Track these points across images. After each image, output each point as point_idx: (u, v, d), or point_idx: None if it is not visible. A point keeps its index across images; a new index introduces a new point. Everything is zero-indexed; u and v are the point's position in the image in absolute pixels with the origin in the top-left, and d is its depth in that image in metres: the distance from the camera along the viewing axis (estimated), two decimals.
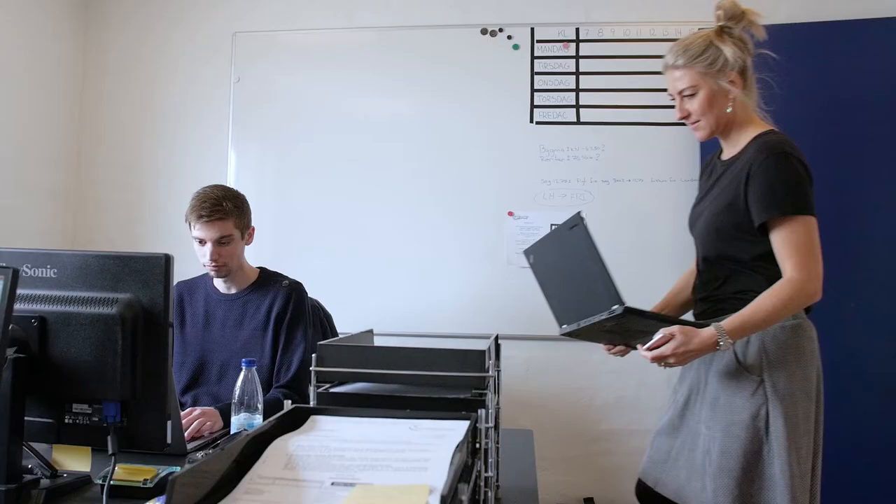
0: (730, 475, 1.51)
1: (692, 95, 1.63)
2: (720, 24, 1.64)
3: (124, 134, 3.10)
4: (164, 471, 1.30)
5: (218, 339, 2.06)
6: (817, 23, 2.65)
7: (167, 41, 3.09)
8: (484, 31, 2.89)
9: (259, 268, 2.16)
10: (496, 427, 1.20)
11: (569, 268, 1.62)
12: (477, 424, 0.97)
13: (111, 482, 1.20)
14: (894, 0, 2.66)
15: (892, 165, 2.61)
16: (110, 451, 1.23)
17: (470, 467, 0.91)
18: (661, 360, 1.50)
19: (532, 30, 2.87)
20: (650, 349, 1.50)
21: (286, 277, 2.14)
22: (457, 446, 0.83)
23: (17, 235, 2.75)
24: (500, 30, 2.89)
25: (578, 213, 1.48)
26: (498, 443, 1.25)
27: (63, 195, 3.05)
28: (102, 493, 1.20)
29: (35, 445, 1.32)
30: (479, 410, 0.98)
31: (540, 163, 2.83)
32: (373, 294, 2.88)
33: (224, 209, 1.97)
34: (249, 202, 2.08)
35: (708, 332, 1.48)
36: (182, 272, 2.97)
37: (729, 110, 1.65)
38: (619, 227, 2.79)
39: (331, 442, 0.87)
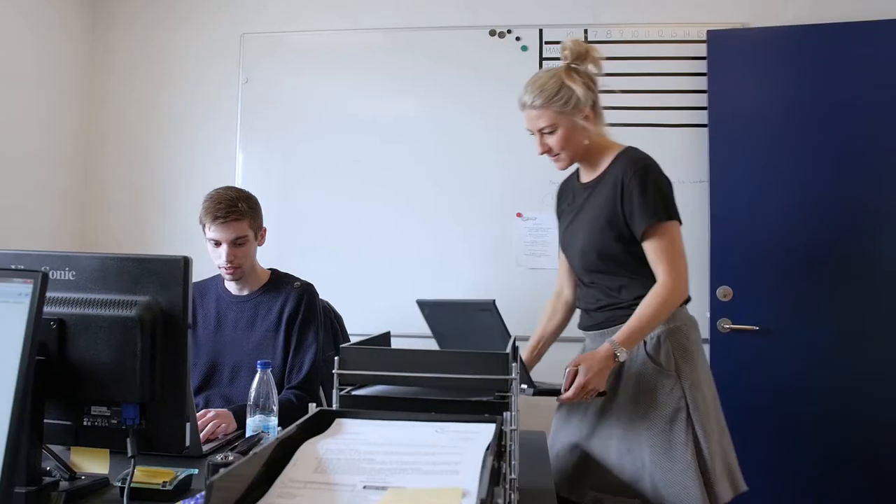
0: (662, 467, 1.62)
1: (551, 132, 1.74)
2: (567, 63, 1.75)
3: (132, 134, 3.10)
4: (182, 473, 1.30)
5: (229, 340, 2.06)
6: (825, 24, 2.65)
7: (175, 42, 3.09)
8: (492, 33, 2.89)
9: (270, 269, 2.16)
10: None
11: (474, 337, 1.60)
12: (503, 427, 0.97)
13: (131, 485, 1.20)
14: None
15: None
16: (130, 454, 1.23)
17: (497, 470, 0.91)
18: (583, 392, 1.59)
19: (540, 31, 2.87)
20: (566, 390, 1.59)
21: (298, 279, 2.15)
22: (487, 449, 0.84)
23: (25, 236, 2.75)
24: (509, 31, 2.89)
25: (492, 301, 1.47)
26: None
27: (70, 196, 3.05)
28: (122, 496, 1.20)
29: (52, 447, 1.32)
30: (504, 413, 0.98)
31: (548, 164, 2.81)
32: (380, 295, 2.88)
33: (239, 210, 1.97)
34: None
35: (604, 348, 1.62)
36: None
37: (586, 142, 1.77)
38: None
39: (359, 445, 0.87)
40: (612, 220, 1.71)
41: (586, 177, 1.85)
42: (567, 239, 1.88)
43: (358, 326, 2.54)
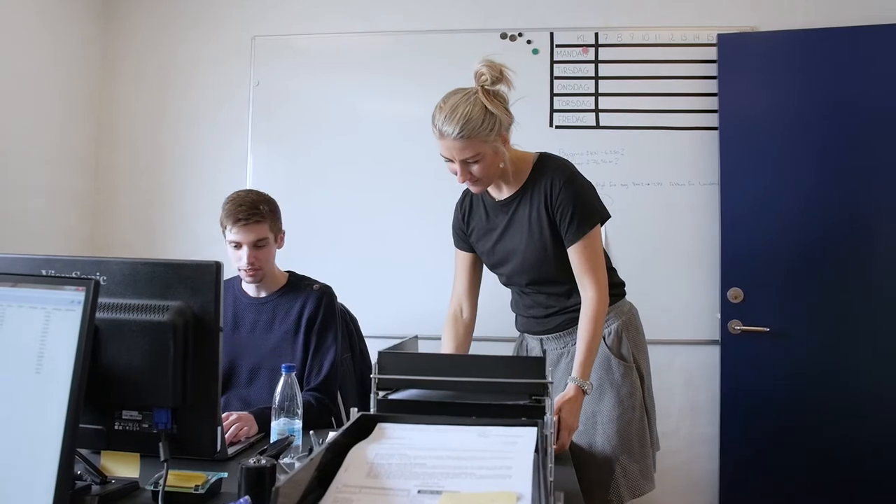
0: (630, 449, 1.77)
1: (476, 162, 1.70)
2: (485, 87, 1.68)
3: (143, 138, 3.10)
4: (213, 477, 1.30)
5: (247, 342, 2.06)
6: (835, 28, 2.67)
7: (186, 45, 3.09)
8: (503, 36, 2.90)
9: (288, 272, 2.17)
10: None
11: None
12: (543, 431, 0.98)
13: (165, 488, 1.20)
14: None
15: None
16: (162, 458, 1.24)
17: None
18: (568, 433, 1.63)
19: (551, 34, 2.88)
20: (556, 441, 1.58)
21: (316, 281, 2.15)
22: (536, 452, 0.85)
23: (37, 239, 2.75)
24: (520, 34, 2.90)
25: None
26: None
27: (82, 199, 3.05)
28: (155, 500, 1.21)
29: (82, 451, 1.32)
30: (544, 417, 0.99)
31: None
32: (394, 297, 2.88)
33: (261, 212, 1.98)
34: None
35: (573, 389, 1.64)
36: None
37: (503, 165, 1.75)
38: (637, 231, 2.80)
39: (407, 450, 0.88)
40: (549, 231, 1.76)
41: (501, 193, 1.85)
42: (500, 258, 1.87)
43: (373, 328, 2.55)
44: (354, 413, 0.98)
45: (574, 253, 1.74)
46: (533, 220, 1.77)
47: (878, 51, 2.63)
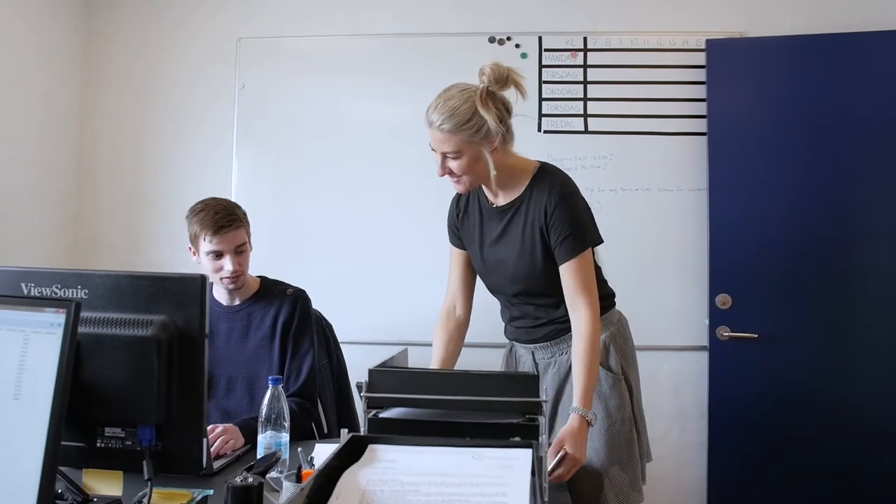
0: (619, 461, 1.74)
1: (455, 158, 1.67)
2: (486, 87, 1.65)
3: (127, 140, 3.05)
4: (199, 495, 1.28)
5: (223, 352, 2.03)
6: (823, 34, 2.68)
7: (170, 46, 3.04)
8: (492, 40, 2.89)
9: (259, 276, 2.13)
10: None
11: None
12: (538, 453, 0.96)
13: None
14: None
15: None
16: (146, 476, 1.21)
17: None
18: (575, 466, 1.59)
19: (540, 39, 2.87)
20: (559, 473, 1.54)
21: (289, 285, 2.12)
22: (532, 476, 0.83)
23: (18, 243, 2.69)
24: (508, 38, 2.88)
25: None
26: None
27: (64, 202, 2.99)
28: None
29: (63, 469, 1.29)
30: (539, 438, 0.97)
31: None
32: (379, 302, 2.86)
33: (238, 217, 1.97)
34: (253, 209, 2.09)
35: (577, 420, 1.59)
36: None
37: (493, 174, 1.69)
38: (626, 236, 2.79)
39: (400, 475, 0.85)
40: (542, 246, 1.73)
41: (498, 199, 1.81)
42: (490, 266, 1.85)
43: (361, 334, 2.53)
44: (345, 434, 0.95)
45: (566, 272, 1.71)
46: (526, 234, 1.75)
47: (867, 57, 2.64)
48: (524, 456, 0.92)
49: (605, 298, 1.86)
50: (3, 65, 2.64)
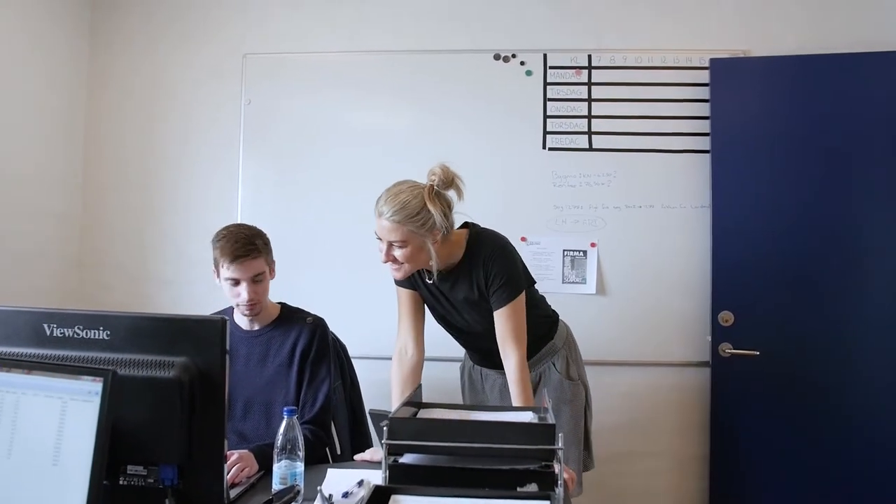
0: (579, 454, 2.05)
1: (401, 247, 1.83)
2: (433, 186, 1.82)
3: (132, 156, 3.06)
4: None
5: (241, 376, 2.05)
6: (826, 55, 2.70)
7: (176, 63, 3.05)
8: (497, 57, 2.90)
9: (280, 303, 2.16)
10: None
11: None
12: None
13: None
14: None
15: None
16: None
17: None
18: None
19: (545, 56, 2.89)
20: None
21: (309, 313, 2.15)
22: None
23: (22, 260, 2.71)
24: (513, 55, 2.90)
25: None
26: None
27: (69, 218, 3.01)
28: None
29: None
30: (556, 489, 1.00)
31: (552, 189, 2.86)
32: (389, 316, 2.87)
33: (257, 247, 1.98)
34: (259, 224, 2.11)
35: None
36: (192, 294, 2.95)
37: (433, 263, 1.87)
38: (629, 253, 2.82)
39: None
40: (487, 298, 1.92)
41: (437, 274, 1.94)
42: (450, 316, 2.05)
43: (368, 348, 2.57)
44: (369, 485, 0.98)
45: (499, 318, 1.88)
46: (475, 288, 1.93)
47: (869, 77, 2.66)
48: None
49: (550, 316, 2.16)
50: (8, 81, 2.65)
